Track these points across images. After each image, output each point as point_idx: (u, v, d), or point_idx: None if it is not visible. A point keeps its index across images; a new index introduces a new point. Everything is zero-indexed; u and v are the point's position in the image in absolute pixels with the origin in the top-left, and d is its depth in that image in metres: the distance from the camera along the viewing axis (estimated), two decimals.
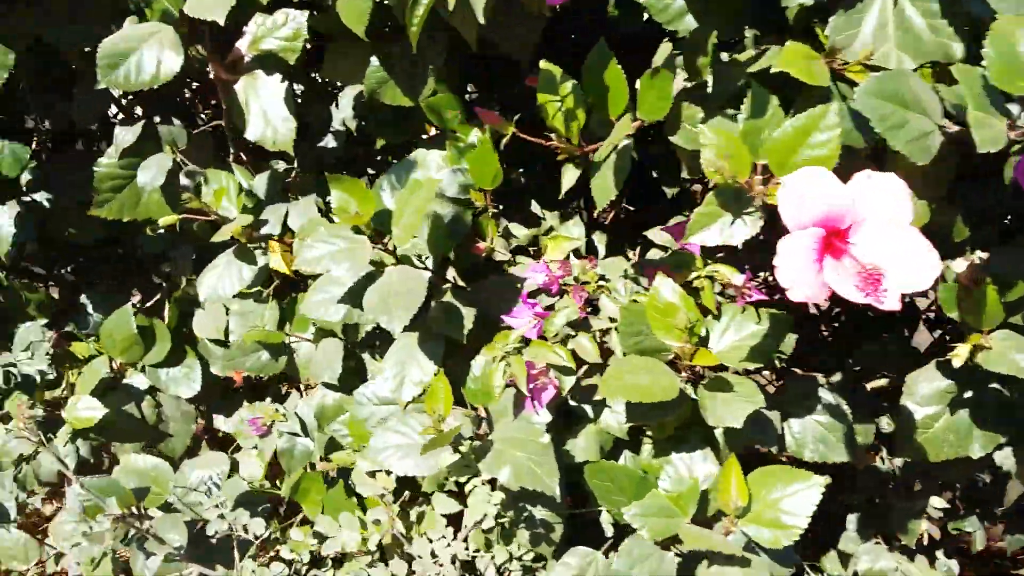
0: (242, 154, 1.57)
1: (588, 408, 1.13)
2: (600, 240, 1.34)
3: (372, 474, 1.36)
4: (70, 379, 1.69)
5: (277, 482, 1.83)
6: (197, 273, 1.73)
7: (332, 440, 1.51)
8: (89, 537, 1.31)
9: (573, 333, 1.09)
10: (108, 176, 1.45)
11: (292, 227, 1.40)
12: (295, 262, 1.13)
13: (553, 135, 1.08)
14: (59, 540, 1.60)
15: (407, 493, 1.42)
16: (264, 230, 1.38)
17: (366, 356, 1.44)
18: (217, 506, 1.51)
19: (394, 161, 1.28)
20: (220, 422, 1.84)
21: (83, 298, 1.83)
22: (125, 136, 1.42)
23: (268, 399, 1.99)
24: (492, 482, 1.17)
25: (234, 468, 1.79)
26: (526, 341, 1.09)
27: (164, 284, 1.88)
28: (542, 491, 1.02)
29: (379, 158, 1.57)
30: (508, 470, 1.03)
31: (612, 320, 1.10)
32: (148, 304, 1.89)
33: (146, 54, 1.19)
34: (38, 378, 1.61)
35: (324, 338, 1.42)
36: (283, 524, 1.71)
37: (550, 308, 1.11)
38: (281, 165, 1.49)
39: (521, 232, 1.28)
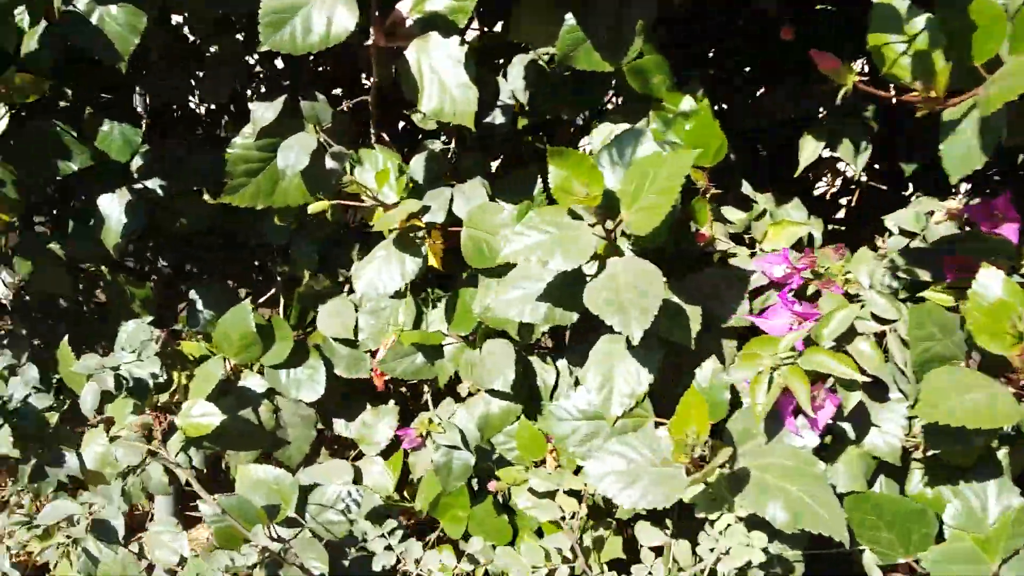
0: (384, 135, 1.40)
1: (848, 427, 0.95)
2: (816, 226, 1.16)
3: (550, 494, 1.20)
4: (180, 381, 1.54)
5: (404, 493, 1.67)
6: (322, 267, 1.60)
7: (484, 452, 1.35)
8: (232, 570, 1.15)
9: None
10: (242, 159, 1.29)
11: (458, 214, 1.24)
12: (502, 254, 0.96)
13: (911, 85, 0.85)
14: (154, 551, 1.45)
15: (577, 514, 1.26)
16: (427, 218, 1.22)
17: (534, 360, 1.28)
18: (351, 523, 1.36)
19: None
20: (340, 427, 1.69)
21: (192, 293, 1.67)
22: (264, 113, 1.26)
23: (391, 401, 1.85)
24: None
25: (357, 478, 1.65)
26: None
27: (279, 278, 1.72)
28: (828, 535, 0.84)
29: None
30: (779, 507, 0.85)
31: (882, 321, 0.92)
32: (261, 300, 1.73)
33: (315, 12, 1.02)
34: (150, 382, 1.45)
35: (490, 339, 1.25)
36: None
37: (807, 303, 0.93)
38: (437, 145, 1.32)
39: (736, 216, 1.11)
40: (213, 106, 1.61)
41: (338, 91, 1.56)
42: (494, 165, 1.47)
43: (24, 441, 1.47)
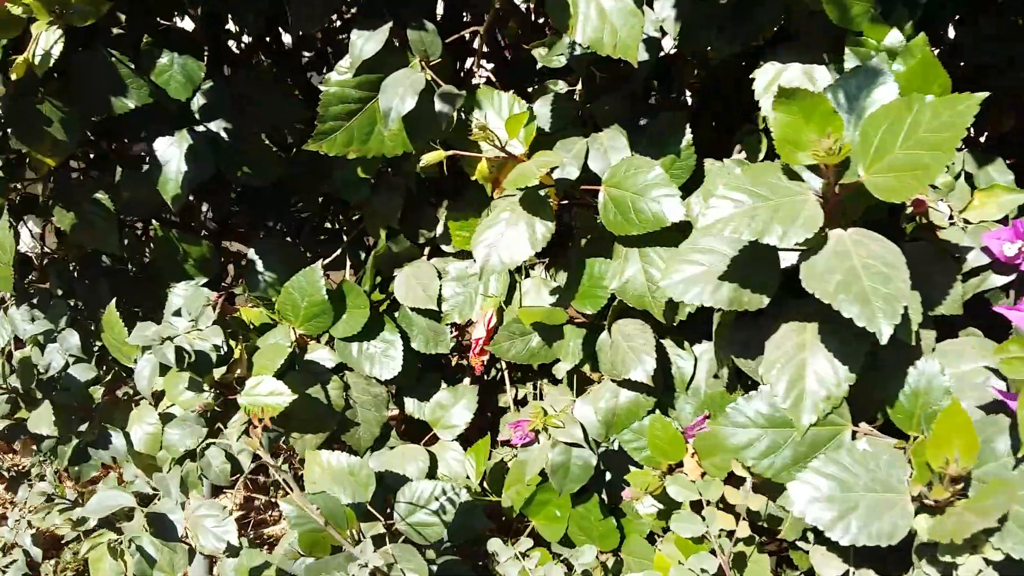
0: (491, 76, 1.20)
1: None
2: None
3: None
4: (242, 354, 1.35)
5: (484, 484, 1.49)
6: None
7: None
8: None
9: None
10: (338, 98, 1.10)
11: (593, 169, 1.05)
12: (701, 225, 0.77)
13: None
14: (196, 537, 1.27)
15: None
16: (557, 174, 1.03)
17: (667, 343, 1.10)
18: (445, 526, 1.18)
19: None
20: (412, 407, 1.51)
21: (251, 253, 1.47)
22: (365, 44, 1.06)
23: (467, 381, 1.67)
24: None
25: (433, 465, 1.47)
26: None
27: (344, 237, 1.53)
28: None
29: None
30: None
31: None
32: (326, 262, 1.54)
33: None
34: (213, 355, 1.26)
35: (623, 318, 1.07)
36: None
37: None
38: (561, 87, 1.12)
39: (941, 179, 0.91)
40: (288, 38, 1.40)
41: None
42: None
43: (64, 418, 1.28)
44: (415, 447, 1.45)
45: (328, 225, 1.71)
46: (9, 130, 1.18)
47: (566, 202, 1.09)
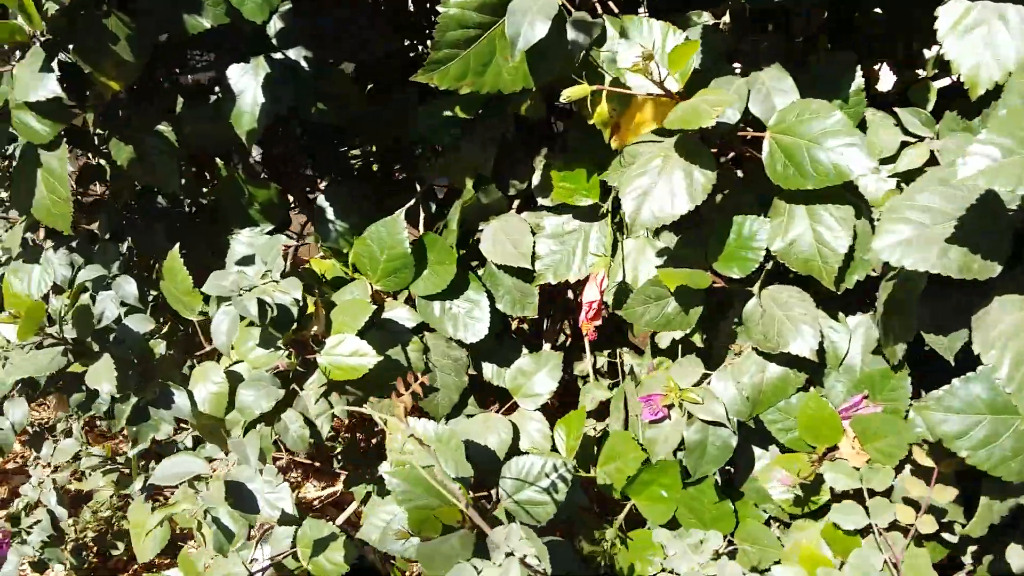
0: (611, 3, 1.07)
1: None
2: None
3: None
4: (319, 309, 1.22)
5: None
6: None
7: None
8: None
9: None
10: (457, 21, 0.96)
11: (755, 113, 0.92)
12: (961, 175, 0.64)
13: None
14: None
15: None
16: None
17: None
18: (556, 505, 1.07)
19: None
20: (490, 373, 1.39)
21: (320, 200, 1.34)
22: None
23: (547, 346, 1.55)
24: None
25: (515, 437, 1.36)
26: None
27: (417, 186, 1.40)
28: None
29: None
30: None
31: None
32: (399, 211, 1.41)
33: None
34: (295, 310, 1.13)
35: (773, 283, 0.95)
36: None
37: None
38: (706, 18, 0.99)
39: None
40: None
41: None
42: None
43: (122, 373, 1.16)
44: (497, 416, 1.34)
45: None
46: (71, 46, 1.04)
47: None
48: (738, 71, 1.01)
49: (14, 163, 1.22)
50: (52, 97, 1.02)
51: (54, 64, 1.05)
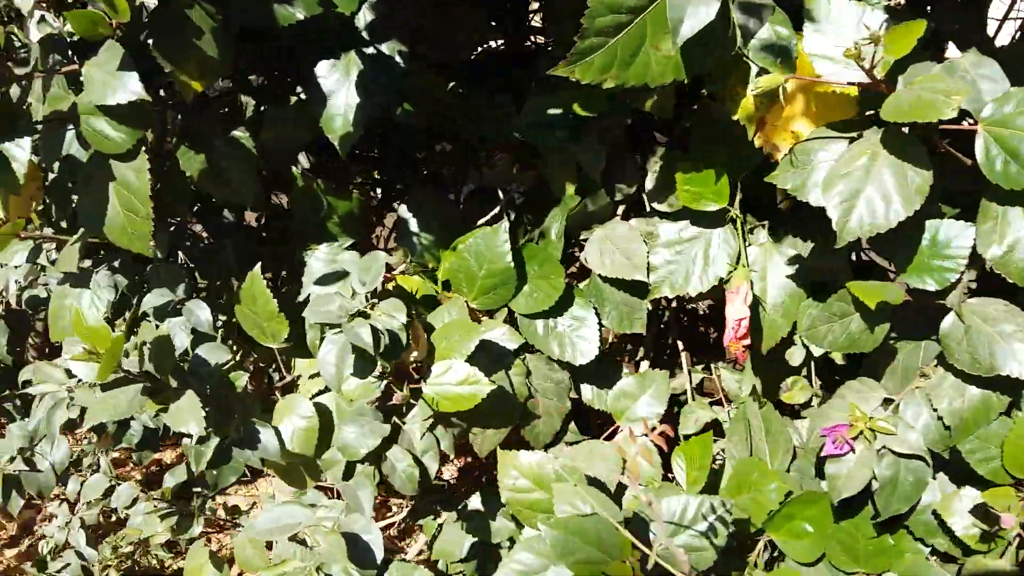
0: None
1: None
2: None
3: None
4: (420, 334, 1.09)
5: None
6: None
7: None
8: None
9: None
10: (608, 6, 0.84)
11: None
12: None
13: None
14: None
15: None
16: None
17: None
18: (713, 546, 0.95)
19: None
20: (588, 394, 1.27)
21: (402, 210, 1.21)
22: None
23: (644, 364, 1.43)
24: None
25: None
26: None
27: (501, 193, 1.28)
28: None
29: None
30: None
31: None
32: (481, 222, 1.29)
33: None
34: (403, 336, 1.00)
35: (978, 297, 0.84)
36: None
37: None
38: None
39: None
40: None
41: None
42: None
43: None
44: (603, 444, 1.21)
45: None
46: (151, 42, 0.91)
47: None
48: None
49: (54, 174, 1.09)
50: (134, 100, 0.89)
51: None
